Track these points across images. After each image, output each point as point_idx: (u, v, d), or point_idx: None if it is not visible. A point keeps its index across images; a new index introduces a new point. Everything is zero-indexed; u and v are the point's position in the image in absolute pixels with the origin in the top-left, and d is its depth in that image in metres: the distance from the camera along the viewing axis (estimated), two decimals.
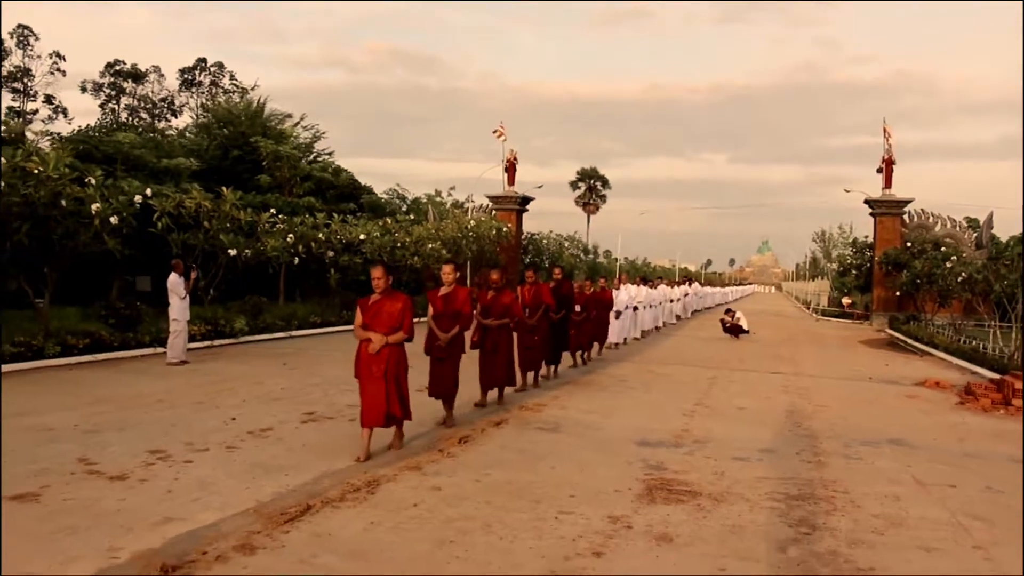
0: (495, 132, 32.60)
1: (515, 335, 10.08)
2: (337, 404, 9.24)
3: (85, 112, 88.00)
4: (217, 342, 15.80)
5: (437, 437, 7.68)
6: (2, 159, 11.43)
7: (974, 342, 18.28)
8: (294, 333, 18.64)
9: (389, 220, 25.80)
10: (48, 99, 52.83)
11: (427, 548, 4.59)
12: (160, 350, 13.88)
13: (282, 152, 26.73)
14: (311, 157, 32.83)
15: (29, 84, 52.15)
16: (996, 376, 13.15)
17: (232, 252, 15.81)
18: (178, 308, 12.73)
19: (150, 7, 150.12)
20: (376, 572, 4.20)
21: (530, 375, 11.24)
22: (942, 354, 18.80)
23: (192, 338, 14.16)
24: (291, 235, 19.77)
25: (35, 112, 52.02)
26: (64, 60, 51.69)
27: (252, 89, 32.70)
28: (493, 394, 9.75)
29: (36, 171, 11.67)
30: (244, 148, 29.36)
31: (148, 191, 14.16)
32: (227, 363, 13.18)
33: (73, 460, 6.30)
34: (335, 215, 22.66)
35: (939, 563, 4.71)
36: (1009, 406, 10.95)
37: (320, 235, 20.70)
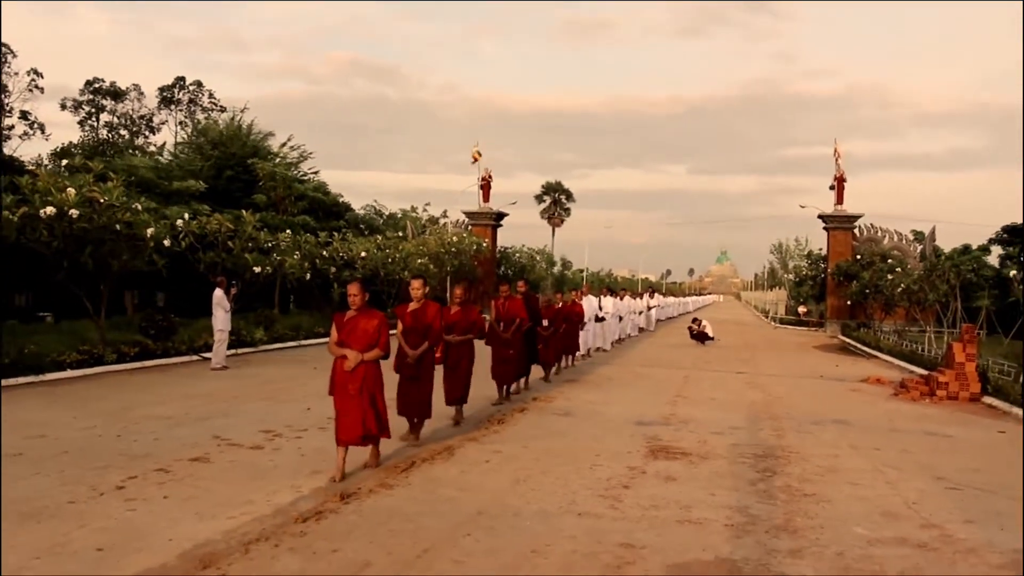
0: (474, 154, 34.68)
1: (489, 349, 10.68)
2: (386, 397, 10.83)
3: (59, 125, 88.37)
4: (240, 350, 17.49)
5: (480, 419, 9.60)
6: (71, 189, 13.10)
7: (914, 345, 20.70)
8: (303, 342, 20.37)
9: (380, 237, 27.65)
10: (24, 115, 53.53)
11: (508, 484, 6.56)
12: (194, 357, 15.62)
13: (278, 172, 28.36)
14: (299, 175, 34.38)
15: (6, 100, 52.79)
16: (925, 372, 15.47)
17: (257, 269, 17.52)
18: (222, 319, 14.46)
19: (109, 13, 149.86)
20: (481, 498, 6.13)
21: (507, 387, 11.34)
22: (886, 356, 21.24)
23: None
24: (297, 252, 21.53)
25: (11, 128, 52.75)
26: (42, 77, 52.44)
27: (243, 111, 34.03)
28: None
29: (102, 200, 13.37)
30: (236, 168, 30.84)
31: (185, 215, 15.88)
32: (260, 368, 14.92)
33: (209, 437, 8.10)
34: (335, 233, 24.42)
35: (861, 492, 6.78)
36: (934, 396, 13.23)
37: (324, 252, 22.46)
